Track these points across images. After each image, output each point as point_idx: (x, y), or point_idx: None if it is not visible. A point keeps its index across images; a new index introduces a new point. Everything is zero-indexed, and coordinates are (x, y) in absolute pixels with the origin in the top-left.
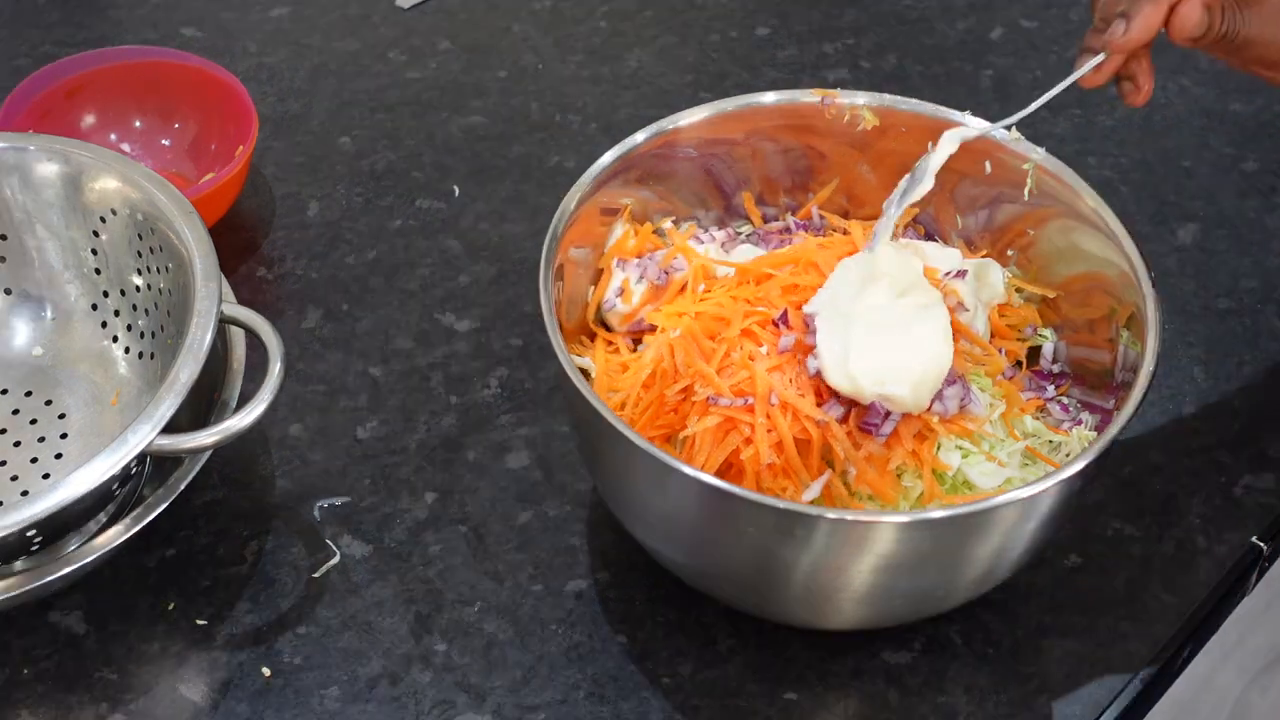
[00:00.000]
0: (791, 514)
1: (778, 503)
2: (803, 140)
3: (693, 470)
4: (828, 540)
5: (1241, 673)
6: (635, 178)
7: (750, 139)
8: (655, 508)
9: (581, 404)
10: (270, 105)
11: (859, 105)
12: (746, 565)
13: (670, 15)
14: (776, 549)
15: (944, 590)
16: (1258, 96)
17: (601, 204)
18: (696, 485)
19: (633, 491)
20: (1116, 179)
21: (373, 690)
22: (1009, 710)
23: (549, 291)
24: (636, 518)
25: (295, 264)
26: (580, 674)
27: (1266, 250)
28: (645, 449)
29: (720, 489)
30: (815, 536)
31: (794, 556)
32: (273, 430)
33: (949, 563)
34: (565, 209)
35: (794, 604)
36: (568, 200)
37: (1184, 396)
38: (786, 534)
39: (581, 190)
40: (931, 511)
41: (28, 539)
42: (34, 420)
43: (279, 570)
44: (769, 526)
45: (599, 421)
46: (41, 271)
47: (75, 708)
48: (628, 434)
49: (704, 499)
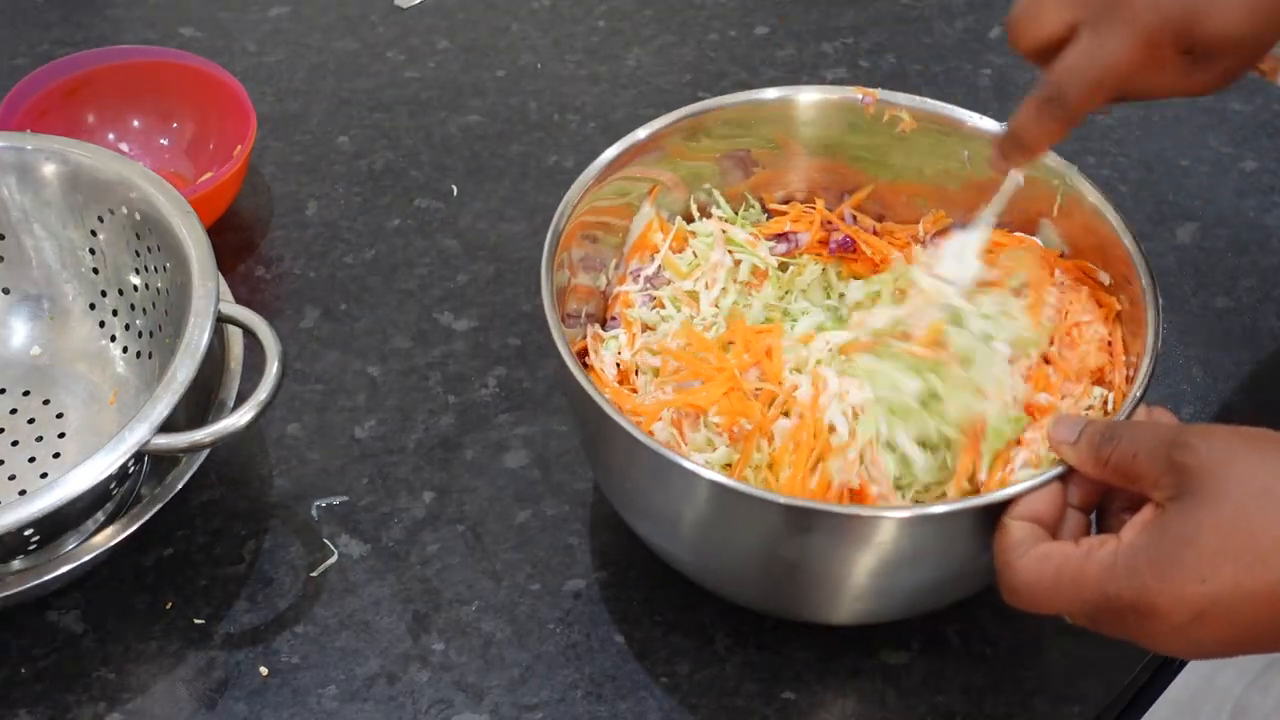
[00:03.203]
0: (796, 509)
1: (780, 498)
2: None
3: (695, 466)
4: (831, 535)
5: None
6: (656, 159)
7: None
8: (657, 503)
9: (581, 397)
10: (269, 105)
11: (898, 106)
12: (751, 561)
13: (669, 14)
14: (781, 544)
15: (948, 584)
16: (1257, 96)
17: (624, 177)
18: (699, 481)
19: (634, 487)
20: (1115, 178)
21: (370, 689)
22: (1007, 710)
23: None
24: (639, 513)
25: (293, 263)
26: (578, 673)
27: (1265, 250)
28: (647, 444)
29: (724, 485)
30: (819, 531)
31: (798, 551)
32: (270, 429)
33: (952, 557)
34: (587, 177)
35: (798, 599)
36: (590, 170)
37: (1183, 396)
38: (791, 529)
39: (604, 163)
40: (933, 507)
41: (25, 538)
42: (31, 420)
43: (277, 569)
44: (774, 522)
45: (599, 415)
46: (39, 271)
47: (73, 707)
48: (629, 428)
49: (707, 494)
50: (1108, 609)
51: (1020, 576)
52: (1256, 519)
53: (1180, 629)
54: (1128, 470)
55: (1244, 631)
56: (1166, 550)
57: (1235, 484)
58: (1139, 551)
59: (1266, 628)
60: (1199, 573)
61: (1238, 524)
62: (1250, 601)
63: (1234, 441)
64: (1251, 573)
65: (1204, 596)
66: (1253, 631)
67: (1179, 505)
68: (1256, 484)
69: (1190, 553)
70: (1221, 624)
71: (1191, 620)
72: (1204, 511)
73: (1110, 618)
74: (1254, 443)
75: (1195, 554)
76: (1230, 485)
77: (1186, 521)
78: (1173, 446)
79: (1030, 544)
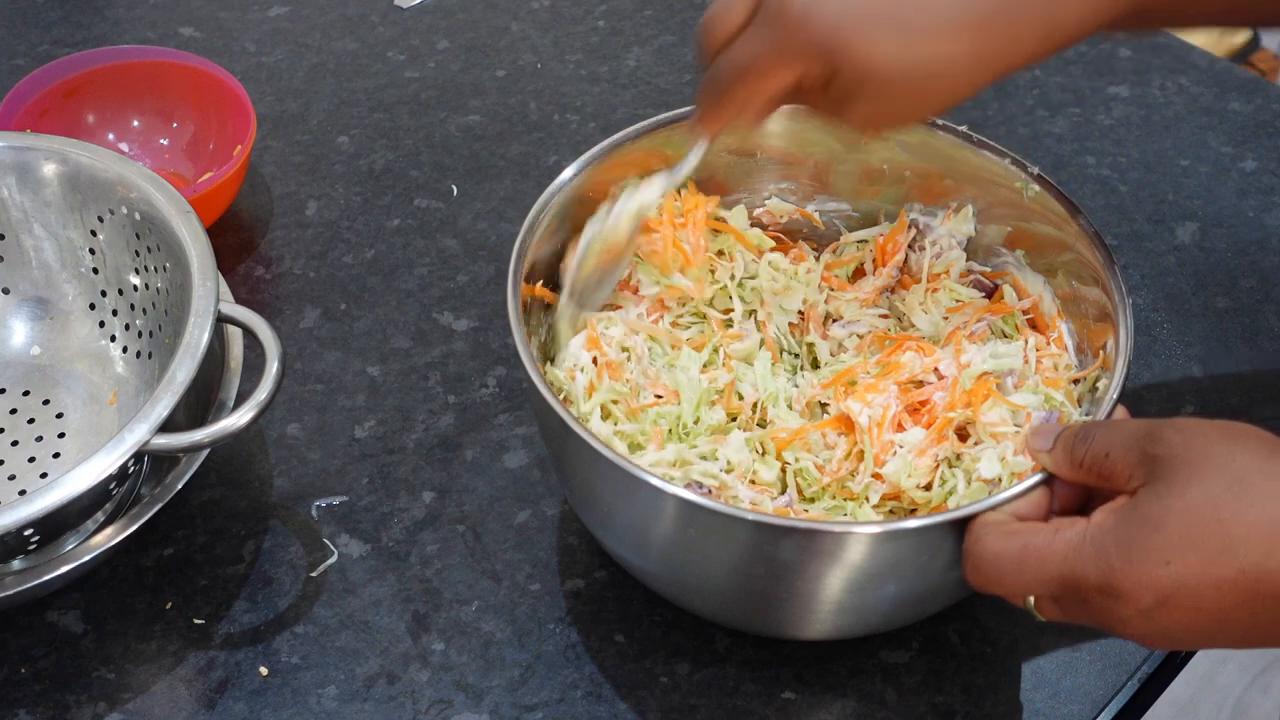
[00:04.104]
0: (766, 526)
1: (748, 515)
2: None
3: (660, 482)
4: (799, 552)
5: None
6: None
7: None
8: (625, 521)
9: (548, 413)
10: (268, 105)
11: None
12: (722, 578)
13: (669, 14)
14: (751, 561)
15: (920, 599)
16: (1257, 96)
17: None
18: (663, 497)
19: (602, 504)
20: (1115, 178)
21: (370, 689)
22: (1007, 709)
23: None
24: (610, 531)
25: (293, 263)
26: (578, 673)
27: (1265, 249)
28: (612, 460)
29: (688, 501)
30: (786, 548)
31: (769, 568)
32: (270, 429)
33: (928, 571)
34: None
35: (771, 616)
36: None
37: (1183, 396)
38: (759, 546)
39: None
40: (904, 522)
41: (25, 538)
42: (31, 420)
43: (277, 569)
44: (740, 539)
45: (565, 431)
46: (39, 271)
47: (73, 707)
48: (593, 444)
49: (672, 511)
50: (1073, 588)
51: (986, 550)
52: (1227, 508)
53: (1145, 613)
54: (1102, 468)
55: (1211, 619)
56: (1133, 533)
57: (1207, 473)
58: (1107, 533)
59: (1234, 616)
60: (1164, 555)
61: (1206, 511)
62: (1215, 589)
63: (1207, 432)
64: (1217, 560)
65: (1169, 580)
66: (1220, 620)
67: (1150, 489)
68: (1228, 474)
69: (1157, 536)
70: (1187, 610)
71: (1156, 604)
72: (1173, 497)
73: (1075, 599)
74: (1227, 434)
75: (1162, 537)
76: (1202, 474)
77: (1155, 505)
78: (1145, 440)
79: (1000, 525)
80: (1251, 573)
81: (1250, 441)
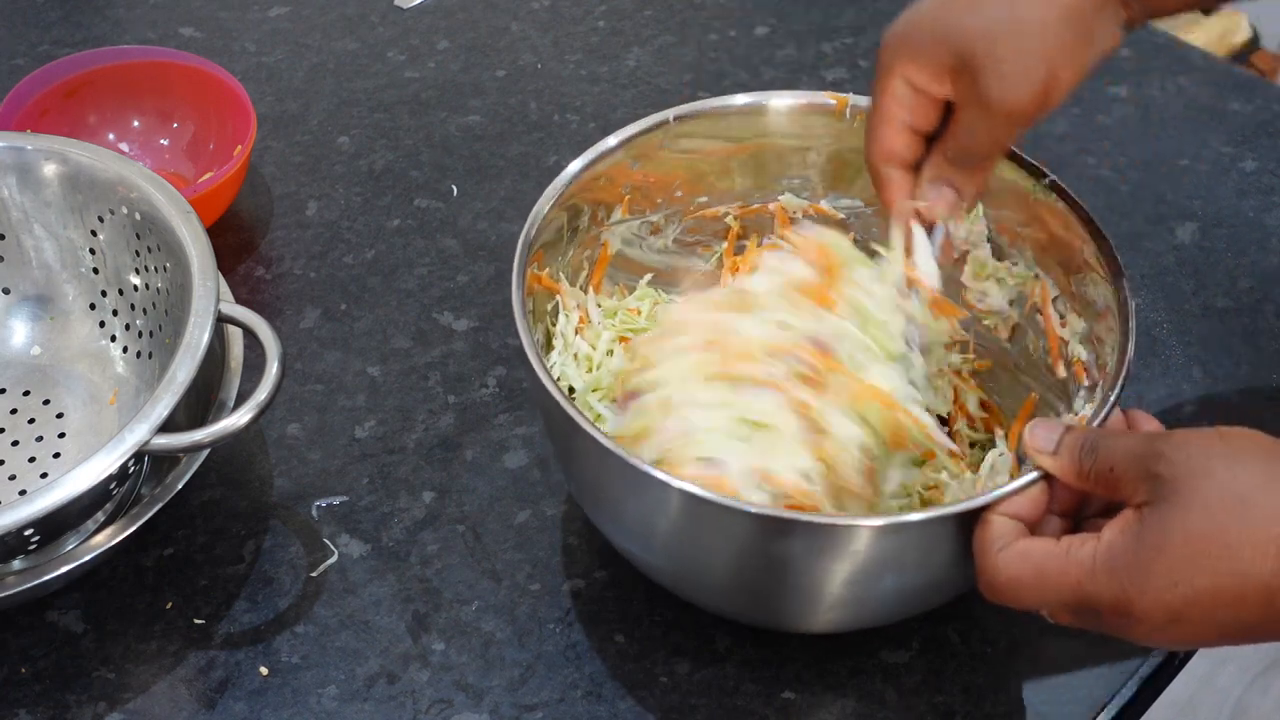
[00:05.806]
0: (766, 519)
1: (750, 508)
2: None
3: (666, 476)
4: (805, 545)
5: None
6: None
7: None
8: (631, 515)
9: (553, 407)
10: (269, 105)
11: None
12: (726, 571)
13: (669, 14)
14: (753, 554)
15: (926, 591)
16: (1256, 96)
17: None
18: (670, 491)
19: (606, 498)
20: (1115, 178)
21: (370, 689)
22: (1007, 709)
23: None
24: (615, 525)
25: (293, 263)
26: (578, 673)
27: (1265, 249)
28: (618, 454)
29: (695, 495)
30: (792, 541)
31: (771, 561)
32: (270, 430)
33: (929, 565)
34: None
35: (775, 608)
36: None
37: (1182, 396)
38: (764, 539)
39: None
40: (909, 515)
41: (25, 538)
42: (32, 420)
43: (277, 569)
44: (745, 532)
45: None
46: (39, 271)
47: (73, 707)
48: (600, 438)
49: (679, 505)
50: (1087, 607)
51: (1002, 573)
52: (1232, 530)
53: (1159, 629)
54: (1106, 481)
55: (1227, 628)
56: (1141, 557)
57: (1209, 492)
58: (1116, 555)
59: (1251, 622)
60: (1171, 578)
61: (1209, 532)
62: (1227, 604)
63: (1210, 448)
64: (1226, 578)
65: (1179, 600)
66: (1237, 627)
67: (1154, 511)
68: (1230, 493)
69: (1162, 560)
70: (1199, 624)
71: (1168, 622)
72: (1175, 520)
73: (1090, 615)
74: (1230, 448)
75: (1167, 561)
76: (1204, 494)
77: (1158, 529)
78: (1149, 459)
79: (1011, 539)
80: (1264, 587)
81: (1253, 453)
